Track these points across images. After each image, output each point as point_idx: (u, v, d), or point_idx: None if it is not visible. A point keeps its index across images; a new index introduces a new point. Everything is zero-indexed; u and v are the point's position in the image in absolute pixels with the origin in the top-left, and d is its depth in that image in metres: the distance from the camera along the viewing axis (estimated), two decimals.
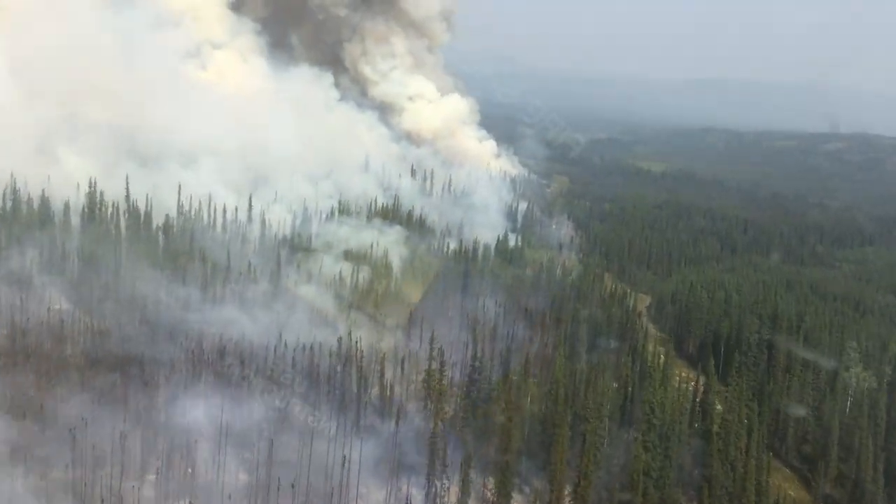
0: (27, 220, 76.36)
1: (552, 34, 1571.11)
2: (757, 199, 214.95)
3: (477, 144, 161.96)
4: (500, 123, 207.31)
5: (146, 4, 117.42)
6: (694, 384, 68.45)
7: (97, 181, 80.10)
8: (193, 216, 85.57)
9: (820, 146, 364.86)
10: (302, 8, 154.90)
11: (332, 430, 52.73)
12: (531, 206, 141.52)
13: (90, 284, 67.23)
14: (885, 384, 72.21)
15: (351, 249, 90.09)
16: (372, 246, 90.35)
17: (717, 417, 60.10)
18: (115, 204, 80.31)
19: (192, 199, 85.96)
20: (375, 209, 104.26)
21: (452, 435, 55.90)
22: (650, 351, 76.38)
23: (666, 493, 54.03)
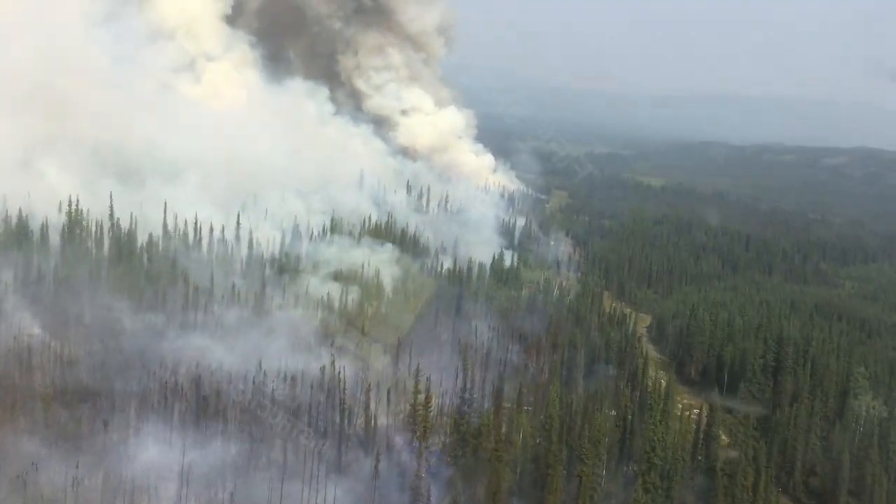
0: (3, 239, 73.30)
1: (551, 46, 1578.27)
2: (758, 213, 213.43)
3: (474, 159, 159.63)
4: (497, 137, 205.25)
5: (140, 18, 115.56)
6: (698, 413, 65.38)
7: (79, 198, 77.03)
8: (178, 236, 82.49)
9: (821, 160, 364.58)
10: (297, 21, 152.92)
11: (309, 468, 49.38)
12: (529, 222, 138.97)
13: (64, 309, 63.84)
14: (895, 413, 69.29)
15: (341, 270, 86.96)
16: (363, 266, 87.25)
17: (721, 451, 56.97)
18: (97, 222, 77.40)
19: (177, 217, 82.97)
20: (368, 227, 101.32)
21: (441, 471, 52.74)
22: (651, 377, 73.41)
23: None
